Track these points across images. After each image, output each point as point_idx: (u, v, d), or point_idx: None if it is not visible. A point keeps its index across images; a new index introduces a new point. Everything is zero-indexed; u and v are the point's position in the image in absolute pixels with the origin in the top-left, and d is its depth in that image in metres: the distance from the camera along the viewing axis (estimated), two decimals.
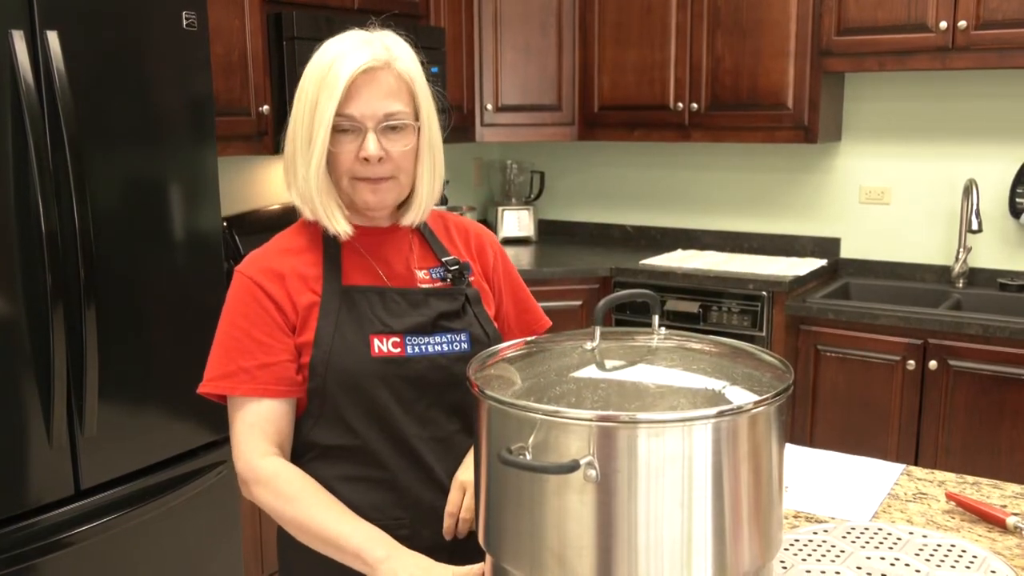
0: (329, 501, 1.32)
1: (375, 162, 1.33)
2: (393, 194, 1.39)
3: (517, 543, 1.07)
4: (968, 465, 2.97)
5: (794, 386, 0.99)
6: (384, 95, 1.34)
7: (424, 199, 1.43)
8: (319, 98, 1.32)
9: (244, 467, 1.34)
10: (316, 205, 1.36)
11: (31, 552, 2.10)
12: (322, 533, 1.28)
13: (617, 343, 1.23)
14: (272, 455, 1.34)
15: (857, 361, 3.16)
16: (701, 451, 1.00)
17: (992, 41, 3.08)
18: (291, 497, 1.31)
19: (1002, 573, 1.31)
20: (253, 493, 1.34)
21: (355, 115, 1.32)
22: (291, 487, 1.32)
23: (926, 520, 1.52)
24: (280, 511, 1.32)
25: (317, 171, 1.33)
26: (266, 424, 1.35)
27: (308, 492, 1.32)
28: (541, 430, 1.01)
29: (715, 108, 3.65)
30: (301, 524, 1.30)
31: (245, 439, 1.34)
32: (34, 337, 2.09)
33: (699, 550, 1.02)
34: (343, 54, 1.33)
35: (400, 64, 1.36)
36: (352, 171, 1.35)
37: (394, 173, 1.36)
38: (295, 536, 1.33)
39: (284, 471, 1.33)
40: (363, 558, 1.25)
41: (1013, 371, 2.91)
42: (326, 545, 1.29)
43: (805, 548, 1.40)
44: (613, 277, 3.66)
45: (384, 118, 1.34)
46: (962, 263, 3.45)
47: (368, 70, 1.32)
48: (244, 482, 1.35)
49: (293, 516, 1.31)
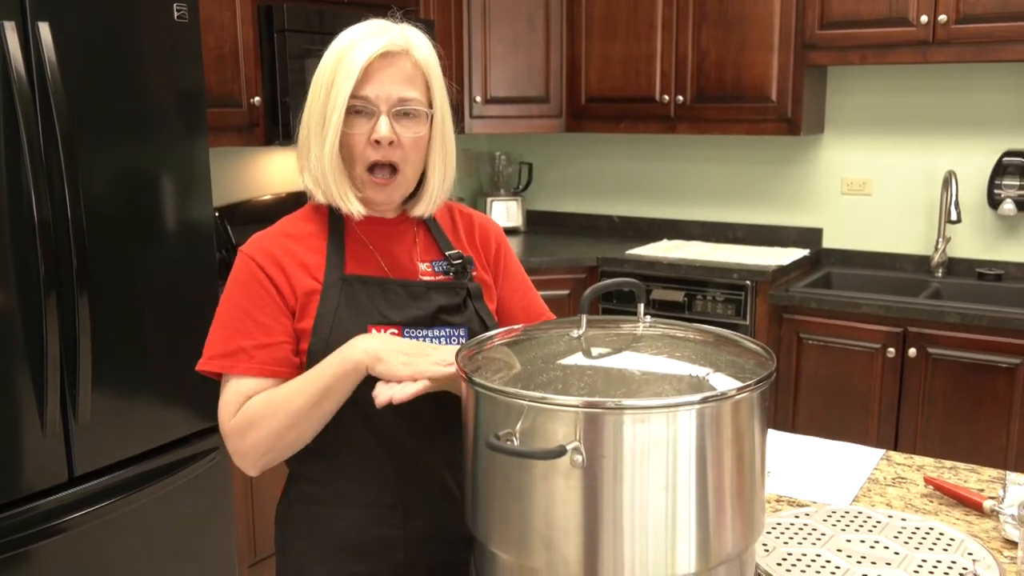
0: (294, 380, 1.31)
1: (386, 145, 1.33)
2: (400, 192, 1.39)
3: (505, 527, 1.07)
4: (946, 450, 2.99)
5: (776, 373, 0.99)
6: (400, 80, 1.33)
7: (435, 191, 1.42)
8: (335, 79, 1.31)
9: (227, 430, 1.32)
10: (330, 185, 1.34)
11: (26, 538, 2.09)
12: (306, 395, 1.27)
13: (603, 331, 1.24)
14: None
15: (838, 349, 3.18)
16: (685, 436, 1.01)
17: (972, 35, 3.08)
18: (266, 408, 1.29)
19: (979, 555, 1.32)
20: (246, 444, 1.31)
21: (370, 96, 1.31)
22: (260, 406, 1.30)
23: (905, 504, 1.53)
24: (272, 428, 1.29)
25: (331, 151, 1.32)
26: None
27: (274, 392, 1.31)
28: (528, 416, 1.01)
29: (700, 100, 3.65)
30: (293, 413, 1.28)
31: (230, 407, 1.32)
32: (27, 326, 2.07)
33: (683, 533, 1.02)
34: (362, 38, 1.33)
35: (417, 52, 1.36)
36: (364, 156, 1.34)
37: (401, 162, 1.35)
38: (306, 431, 1.30)
39: (249, 404, 1.31)
40: (346, 364, 1.26)
41: (990, 358, 2.92)
42: (318, 396, 1.27)
43: (787, 531, 1.41)
44: (600, 267, 3.66)
45: (398, 102, 1.33)
46: (941, 253, 3.47)
47: (385, 54, 1.32)
48: (230, 441, 1.33)
49: (283, 416, 1.28)
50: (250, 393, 1.32)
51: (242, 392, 1.32)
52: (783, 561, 1.31)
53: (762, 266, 3.39)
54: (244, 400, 1.32)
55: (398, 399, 1.21)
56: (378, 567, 1.38)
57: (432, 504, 1.39)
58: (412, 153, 1.36)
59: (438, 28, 3.71)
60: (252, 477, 2.81)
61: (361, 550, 1.37)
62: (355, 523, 1.37)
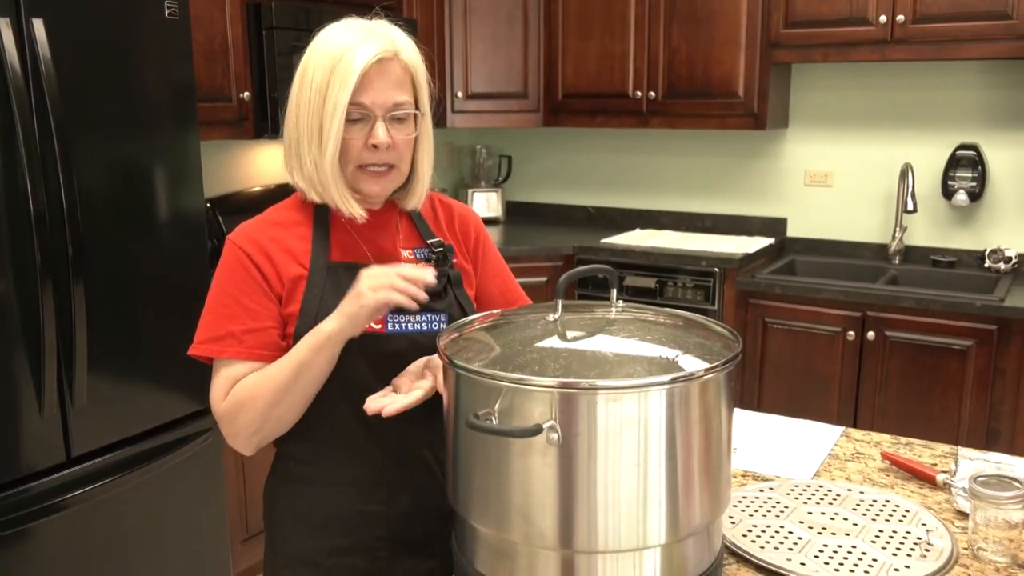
0: (276, 360, 1.30)
1: (383, 149, 1.32)
2: (394, 183, 1.38)
3: (484, 502, 1.07)
4: (902, 427, 3.02)
5: (742, 355, 0.99)
6: (392, 85, 1.31)
7: (424, 185, 1.42)
8: (330, 86, 1.28)
9: (219, 413, 1.32)
10: (331, 190, 1.33)
11: (25, 516, 2.08)
12: (286, 371, 1.26)
13: (578, 315, 1.23)
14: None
15: (801, 332, 3.20)
16: (656, 415, 1.01)
17: (928, 34, 3.10)
18: (252, 389, 1.28)
19: (932, 525, 1.34)
20: (237, 426, 1.30)
21: (367, 104, 1.30)
22: (247, 387, 1.29)
23: (863, 478, 1.54)
24: (258, 407, 1.28)
25: (332, 159, 1.30)
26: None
27: (259, 373, 1.30)
28: (506, 396, 1.01)
29: (671, 96, 3.65)
30: (275, 390, 1.27)
31: (221, 391, 1.32)
32: (25, 313, 2.05)
33: (653, 507, 1.03)
34: (354, 44, 1.29)
35: (405, 55, 1.34)
36: (360, 158, 1.32)
37: (397, 161, 1.34)
38: (291, 407, 1.29)
39: (238, 387, 1.30)
40: (319, 336, 1.25)
41: (943, 341, 2.95)
42: (296, 370, 1.26)
43: (752, 504, 1.42)
44: (576, 255, 3.66)
45: (393, 107, 1.31)
46: (898, 241, 3.49)
47: (379, 60, 1.30)
48: (223, 423, 1.32)
49: (268, 394, 1.27)
50: (239, 378, 1.31)
51: (232, 377, 1.32)
52: (748, 532, 1.32)
53: (729, 254, 3.40)
54: (233, 384, 1.31)
55: (387, 413, 1.22)
56: (363, 541, 1.37)
57: (415, 482, 1.39)
58: (405, 152, 1.36)
59: (421, 26, 3.69)
60: (244, 457, 2.82)
61: (346, 525, 1.37)
62: (340, 500, 1.37)
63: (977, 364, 2.90)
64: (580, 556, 1.04)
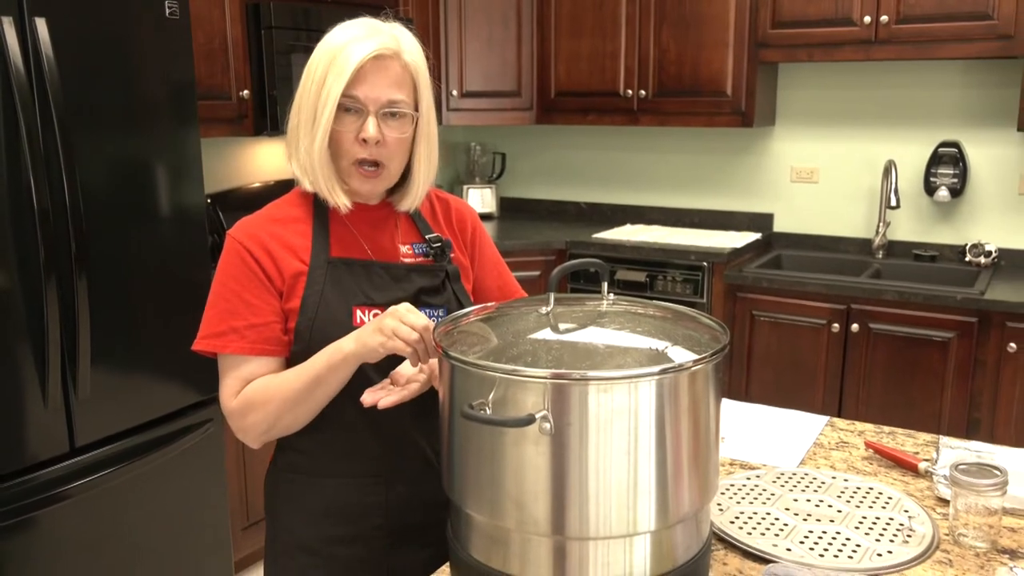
0: (293, 368, 1.30)
1: (372, 144, 1.31)
2: (383, 184, 1.37)
3: (479, 490, 1.07)
4: (885, 417, 3.03)
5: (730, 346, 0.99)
6: (389, 83, 1.30)
7: (420, 186, 1.41)
8: (327, 77, 1.28)
9: (228, 410, 1.32)
10: (318, 178, 1.33)
11: (29, 505, 2.07)
12: (301, 382, 1.26)
13: (570, 308, 1.23)
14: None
15: (787, 325, 3.20)
16: (646, 405, 1.01)
17: (911, 34, 3.10)
18: (264, 393, 1.29)
19: (914, 512, 1.34)
20: (247, 423, 1.31)
21: (360, 97, 1.29)
22: (259, 390, 1.30)
23: (847, 466, 1.55)
24: (271, 411, 1.29)
25: (321, 146, 1.30)
26: (252, 379, 1.33)
27: (273, 378, 1.30)
28: (500, 387, 1.01)
29: (661, 95, 3.64)
30: (288, 399, 1.27)
31: (231, 389, 1.32)
32: (29, 307, 2.04)
33: (643, 494, 1.03)
34: (356, 39, 1.29)
35: (407, 56, 1.33)
36: (351, 152, 1.32)
37: (387, 159, 1.33)
38: (301, 414, 1.30)
39: (250, 387, 1.31)
40: (336, 356, 1.25)
41: (925, 333, 2.96)
42: (311, 384, 1.26)
43: (739, 492, 1.42)
44: (568, 249, 3.66)
45: (386, 104, 1.31)
46: (882, 236, 3.50)
47: (378, 56, 1.29)
48: (232, 420, 1.32)
49: (281, 402, 1.28)
50: (248, 376, 1.31)
51: (241, 376, 1.32)
52: (736, 519, 1.32)
53: (718, 248, 3.41)
54: (243, 383, 1.32)
55: (383, 405, 1.23)
56: (361, 530, 1.38)
57: (412, 473, 1.39)
58: (397, 151, 1.34)
59: (417, 26, 3.67)
60: (244, 447, 2.82)
61: (344, 515, 1.37)
62: (339, 491, 1.37)
63: (958, 355, 2.91)
64: (572, 542, 1.04)
